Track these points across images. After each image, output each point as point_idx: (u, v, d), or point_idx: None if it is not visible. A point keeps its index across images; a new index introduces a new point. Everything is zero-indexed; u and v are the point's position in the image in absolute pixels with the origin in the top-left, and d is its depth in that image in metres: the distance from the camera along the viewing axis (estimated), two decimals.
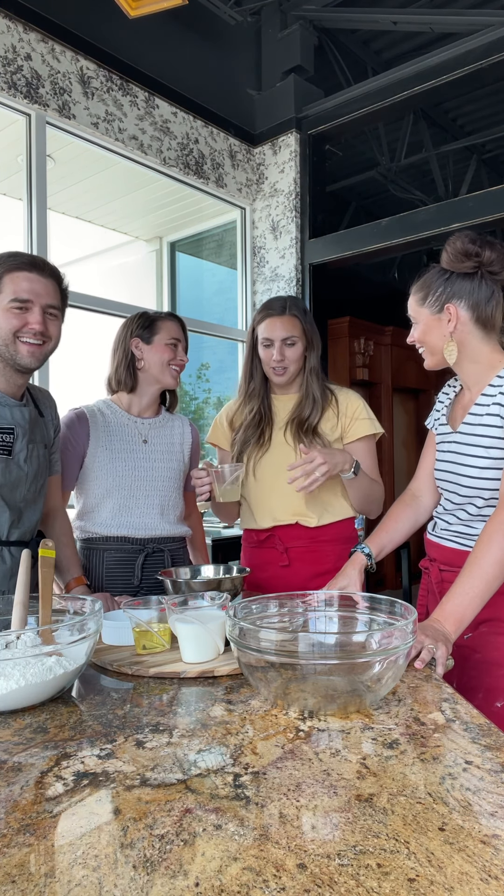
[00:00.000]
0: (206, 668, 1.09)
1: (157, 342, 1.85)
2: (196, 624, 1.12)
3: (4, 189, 3.85)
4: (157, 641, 1.20)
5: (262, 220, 4.25)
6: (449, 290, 1.41)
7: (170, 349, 1.87)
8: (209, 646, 1.13)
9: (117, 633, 1.26)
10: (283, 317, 1.82)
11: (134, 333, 1.86)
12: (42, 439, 1.59)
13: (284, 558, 1.83)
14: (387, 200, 6.19)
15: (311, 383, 1.87)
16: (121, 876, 0.55)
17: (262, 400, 1.91)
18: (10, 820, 0.65)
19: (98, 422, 1.82)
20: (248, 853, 0.58)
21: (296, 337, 1.83)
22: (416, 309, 1.46)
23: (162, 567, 1.79)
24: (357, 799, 0.67)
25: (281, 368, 1.84)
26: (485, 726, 0.84)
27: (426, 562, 1.60)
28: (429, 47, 3.99)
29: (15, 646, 1.02)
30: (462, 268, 1.39)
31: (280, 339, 1.82)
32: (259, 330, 1.86)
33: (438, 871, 0.55)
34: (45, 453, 1.60)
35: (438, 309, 1.41)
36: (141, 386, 1.89)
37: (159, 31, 3.57)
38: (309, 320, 1.87)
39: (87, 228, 4.63)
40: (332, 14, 3.96)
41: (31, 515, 1.56)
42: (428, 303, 1.43)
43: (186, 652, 1.13)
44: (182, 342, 1.91)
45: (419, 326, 1.46)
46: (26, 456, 1.51)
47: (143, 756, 0.78)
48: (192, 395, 5.03)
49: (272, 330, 1.82)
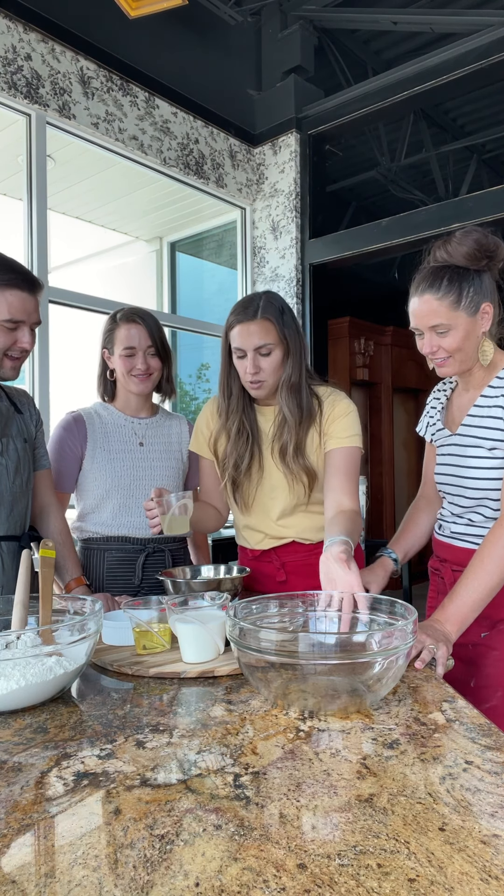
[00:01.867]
0: (206, 668, 1.09)
1: (115, 353, 1.81)
2: (196, 624, 1.12)
3: (4, 189, 3.85)
4: (157, 641, 1.20)
5: (263, 220, 4.25)
6: (480, 288, 1.32)
7: (125, 360, 1.79)
8: (209, 646, 1.13)
9: (117, 633, 1.26)
10: (255, 321, 1.56)
11: (103, 343, 1.86)
12: (20, 433, 1.58)
13: (281, 574, 1.73)
14: (387, 200, 6.19)
15: (286, 400, 1.61)
16: (121, 876, 0.55)
17: (245, 415, 1.68)
18: (11, 820, 0.65)
19: (95, 424, 1.83)
20: (249, 853, 0.58)
21: (271, 344, 1.57)
22: (450, 314, 1.31)
23: (163, 567, 1.79)
24: (357, 799, 0.67)
25: (257, 382, 1.60)
26: (485, 726, 0.84)
27: (436, 562, 1.56)
28: (429, 47, 3.99)
29: (15, 646, 1.02)
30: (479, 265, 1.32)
31: (253, 349, 1.57)
32: (231, 337, 1.61)
33: (439, 871, 0.55)
34: (26, 447, 1.59)
35: (475, 310, 1.32)
36: (120, 392, 1.89)
37: (159, 31, 3.57)
38: (288, 321, 1.60)
39: (87, 228, 4.63)
40: (333, 14, 3.96)
41: (19, 510, 1.55)
42: (464, 305, 1.31)
43: (186, 652, 1.13)
44: (140, 348, 1.78)
45: (457, 332, 1.32)
46: (1, 449, 1.51)
47: (143, 756, 0.78)
48: (193, 396, 5.04)
49: (244, 338, 1.57)
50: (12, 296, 1.43)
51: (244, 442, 1.66)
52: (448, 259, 1.34)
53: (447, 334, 1.33)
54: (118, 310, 1.86)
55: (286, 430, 1.62)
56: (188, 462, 1.97)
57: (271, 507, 1.70)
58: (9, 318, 1.43)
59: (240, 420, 1.67)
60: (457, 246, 1.33)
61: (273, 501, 1.69)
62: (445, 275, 1.32)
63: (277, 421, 1.65)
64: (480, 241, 1.31)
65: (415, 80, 3.66)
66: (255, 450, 1.67)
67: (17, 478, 1.54)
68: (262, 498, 1.71)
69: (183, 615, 1.14)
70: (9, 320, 1.43)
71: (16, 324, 1.45)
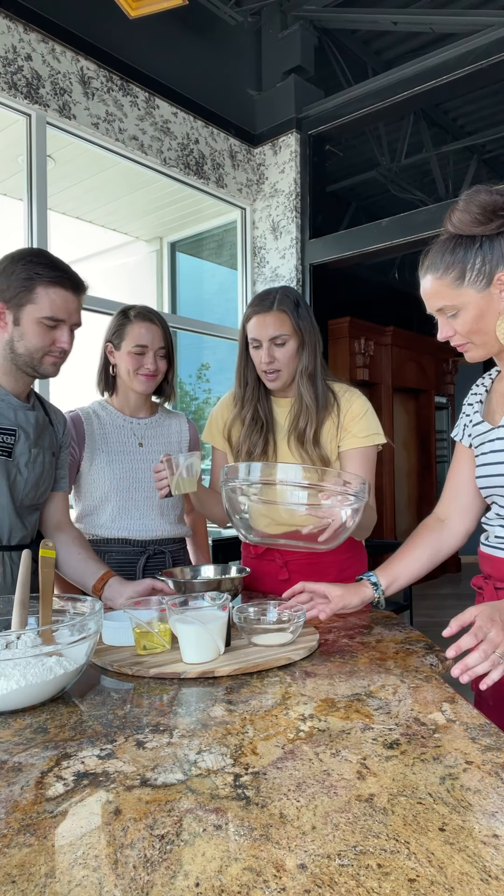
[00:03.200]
0: (206, 668, 1.08)
1: (124, 349, 1.79)
2: (196, 624, 1.11)
3: (5, 189, 3.85)
4: (157, 642, 1.19)
5: (263, 220, 4.25)
6: (491, 255, 1.12)
7: (134, 358, 1.78)
8: (209, 646, 1.12)
9: (117, 633, 1.25)
10: (271, 313, 1.64)
11: (108, 337, 1.84)
12: (50, 446, 1.55)
13: (284, 572, 1.73)
14: (387, 201, 6.19)
15: (304, 388, 1.68)
16: (121, 876, 0.55)
17: (261, 405, 1.74)
18: (11, 820, 0.65)
19: (93, 424, 1.82)
20: (249, 853, 0.58)
21: (286, 335, 1.65)
22: (453, 293, 1.15)
23: (164, 568, 1.79)
24: (357, 799, 0.67)
25: (273, 373, 1.67)
26: (485, 726, 0.84)
27: (479, 580, 1.34)
28: (429, 47, 3.99)
29: (15, 646, 1.02)
30: (487, 228, 1.12)
31: (268, 339, 1.65)
32: (248, 329, 1.69)
33: (439, 871, 0.55)
34: (52, 461, 1.56)
35: (487, 282, 1.12)
36: (120, 389, 1.87)
37: (159, 31, 3.57)
38: (303, 314, 1.68)
39: (87, 229, 4.63)
40: (333, 14, 3.96)
41: (30, 521, 1.54)
42: (470, 280, 1.13)
43: (187, 652, 1.13)
44: (152, 348, 1.79)
45: (467, 312, 1.15)
46: (28, 460, 1.48)
47: (143, 756, 0.78)
48: (193, 396, 5.04)
49: (260, 329, 1.65)
50: (55, 294, 1.41)
51: (258, 430, 1.72)
52: (455, 230, 1.16)
53: (458, 316, 1.16)
54: (129, 306, 1.85)
55: (305, 417, 1.67)
56: None
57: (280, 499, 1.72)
58: (50, 316, 1.41)
59: (254, 409, 1.73)
60: (460, 214, 1.14)
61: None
62: (446, 249, 1.16)
63: (295, 410, 1.70)
64: (486, 202, 1.11)
65: (415, 80, 3.67)
66: (268, 438, 1.72)
67: (35, 490, 1.51)
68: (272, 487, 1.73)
69: (183, 615, 1.13)
70: (50, 318, 1.41)
71: (56, 322, 1.42)
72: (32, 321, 1.41)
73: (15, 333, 1.42)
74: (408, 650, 1.19)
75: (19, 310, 1.41)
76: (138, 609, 1.28)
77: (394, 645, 1.23)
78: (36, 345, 1.42)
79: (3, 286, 1.41)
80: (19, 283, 1.40)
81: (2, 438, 1.44)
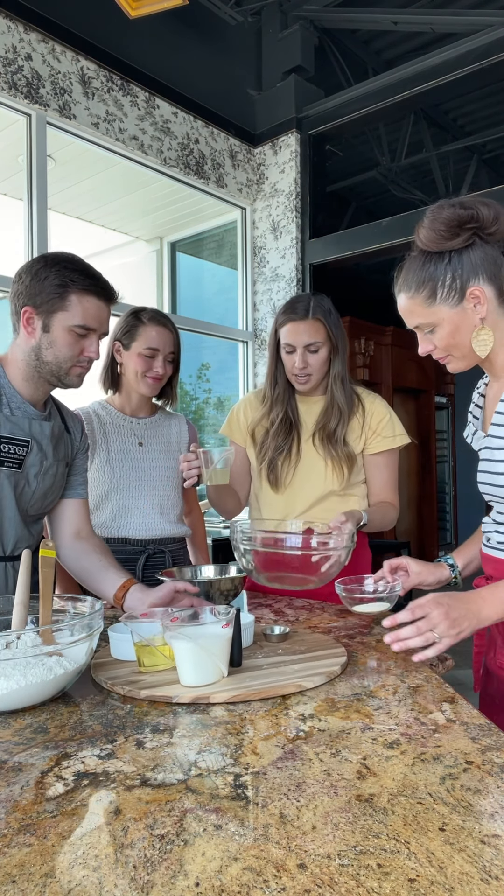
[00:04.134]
0: (200, 693, 0.97)
1: (133, 350, 1.80)
2: (192, 643, 0.99)
3: (5, 189, 3.86)
4: (160, 659, 1.08)
5: (263, 220, 4.25)
6: (461, 270, 1.10)
7: (143, 360, 1.79)
8: (208, 668, 1.01)
9: (121, 646, 1.15)
10: (307, 321, 1.71)
11: (116, 336, 1.83)
12: (65, 457, 1.50)
13: None
14: (387, 200, 6.19)
15: (337, 391, 1.77)
16: (121, 876, 0.55)
17: (288, 405, 1.81)
18: (11, 820, 0.65)
19: (94, 424, 1.82)
20: (249, 853, 0.58)
21: (319, 343, 1.72)
22: (426, 311, 1.14)
23: (163, 568, 1.78)
24: (357, 799, 0.67)
25: (304, 377, 1.74)
26: (485, 726, 0.84)
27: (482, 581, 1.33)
28: (429, 47, 3.99)
29: (15, 646, 1.02)
30: (455, 243, 1.10)
31: (303, 346, 1.71)
32: (281, 334, 1.75)
33: (439, 871, 0.55)
34: (65, 471, 1.51)
35: (459, 298, 1.11)
36: (124, 388, 1.87)
37: (159, 31, 3.57)
38: (334, 322, 1.75)
39: (87, 228, 4.63)
40: (333, 14, 3.96)
41: (35, 529, 1.50)
42: (442, 297, 1.12)
43: (183, 674, 1.01)
44: (162, 352, 1.80)
45: (443, 329, 1.14)
46: (38, 471, 1.43)
47: (143, 756, 0.78)
48: (193, 396, 5.04)
49: (294, 335, 1.72)
50: (88, 302, 1.38)
51: (286, 429, 1.80)
52: (423, 247, 1.13)
53: (434, 332, 1.16)
54: (140, 308, 1.86)
55: (336, 418, 1.77)
56: None
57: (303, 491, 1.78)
58: (82, 324, 1.37)
59: (285, 410, 1.81)
60: (426, 232, 1.11)
61: (307, 484, 1.78)
62: (416, 266, 1.14)
63: (324, 409, 1.80)
64: (450, 218, 1.09)
65: (415, 80, 3.67)
66: (294, 436, 1.80)
67: (42, 501, 1.47)
68: (298, 480, 1.80)
69: (178, 632, 1.01)
70: (81, 326, 1.37)
71: (87, 331, 1.39)
72: (63, 329, 1.36)
73: (44, 340, 1.37)
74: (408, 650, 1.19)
75: (50, 316, 1.36)
76: (142, 621, 1.15)
77: None
78: (66, 353, 1.38)
79: (35, 291, 1.36)
80: (52, 289, 1.35)
81: (14, 450, 1.38)
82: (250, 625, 1.22)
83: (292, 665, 1.08)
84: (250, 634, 1.22)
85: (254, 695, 0.96)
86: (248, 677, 1.03)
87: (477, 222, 1.08)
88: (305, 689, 0.99)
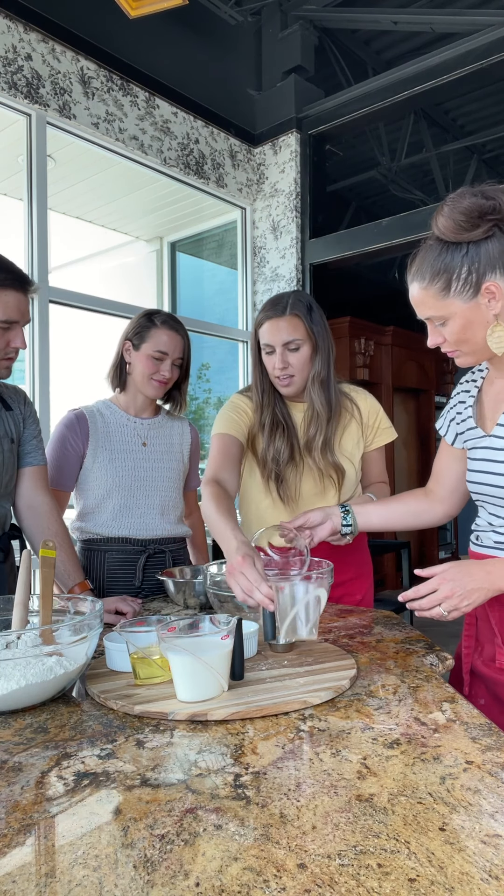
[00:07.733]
0: (197, 709, 0.90)
1: (143, 351, 1.80)
2: (189, 655, 0.93)
3: (5, 189, 3.86)
4: (156, 670, 1.02)
5: (263, 220, 4.25)
6: (478, 263, 1.06)
7: (152, 362, 1.79)
8: (207, 682, 0.94)
9: (116, 657, 1.09)
10: (284, 318, 1.60)
11: (128, 335, 1.84)
12: (6, 434, 1.54)
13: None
14: (387, 200, 6.19)
15: (315, 394, 1.64)
16: (121, 876, 0.55)
17: (278, 409, 1.69)
18: (11, 820, 0.65)
19: (97, 423, 1.82)
20: (249, 853, 0.58)
21: (299, 340, 1.61)
22: (439, 304, 1.10)
23: (164, 568, 1.79)
24: (357, 799, 0.67)
25: (286, 378, 1.63)
26: (485, 726, 0.84)
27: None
28: (429, 47, 3.99)
29: (15, 646, 1.02)
30: (474, 234, 1.05)
31: (281, 344, 1.61)
32: (260, 334, 1.65)
33: (439, 871, 0.55)
34: (12, 448, 1.55)
35: (474, 292, 1.07)
36: (130, 388, 1.88)
37: (159, 31, 3.57)
38: (316, 318, 1.63)
39: (87, 228, 4.63)
40: (333, 14, 3.96)
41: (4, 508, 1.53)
42: (456, 290, 1.08)
43: (180, 689, 0.95)
44: (171, 356, 1.80)
45: (455, 322, 1.11)
46: None
47: (143, 756, 0.78)
48: (193, 396, 5.04)
49: (272, 334, 1.61)
50: (8, 296, 1.41)
51: (281, 434, 1.67)
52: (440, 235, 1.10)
53: (446, 325, 1.12)
54: (154, 310, 1.87)
55: (315, 425, 1.65)
56: (189, 463, 1.97)
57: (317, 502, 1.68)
58: (4, 319, 1.41)
59: (273, 414, 1.68)
60: (445, 220, 1.07)
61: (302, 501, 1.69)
62: (432, 255, 1.10)
63: (308, 416, 1.68)
64: (470, 208, 1.05)
65: (415, 80, 3.67)
66: (292, 441, 1.67)
67: None
68: (307, 491, 1.69)
69: (173, 644, 0.94)
70: (4, 321, 1.41)
71: (10, 324, 1.43)
72: None
73: None
74: (408, 650, 1.19)
75: None
76: (138, 630, 1.10)
77: (394, 645, 1.23)
78: None
79: None
80: None
81: None
82: (254, 634, 1.14)
83: (297, 679, 1.02)
84: (254, 644, 1.15)
85: (255, 712, 0.90)
86: (249, 692, 0.97)
87: (499, 213, 1.05)
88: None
